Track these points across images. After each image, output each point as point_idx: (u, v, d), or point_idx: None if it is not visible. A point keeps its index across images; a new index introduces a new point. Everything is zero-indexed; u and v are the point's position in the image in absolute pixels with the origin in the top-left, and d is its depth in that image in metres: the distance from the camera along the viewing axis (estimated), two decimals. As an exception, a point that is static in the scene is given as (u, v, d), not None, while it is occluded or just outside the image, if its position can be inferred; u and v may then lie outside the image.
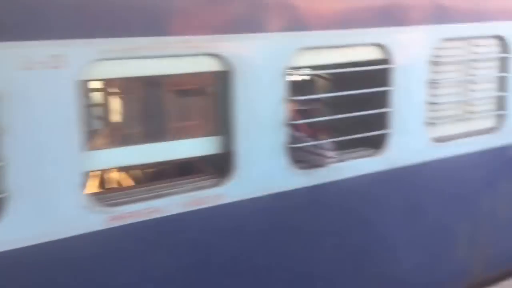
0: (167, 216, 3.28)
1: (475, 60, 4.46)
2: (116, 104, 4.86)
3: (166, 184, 3.43)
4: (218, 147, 3.52)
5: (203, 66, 3.33)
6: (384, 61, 3.99)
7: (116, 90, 4.88)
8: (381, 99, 4.05)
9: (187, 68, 3.32)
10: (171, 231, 3.33)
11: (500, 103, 4.66)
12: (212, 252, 3.51)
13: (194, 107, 4.49)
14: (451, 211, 4.59)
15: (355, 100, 4.01)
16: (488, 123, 4.68)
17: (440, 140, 4.40)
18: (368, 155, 4.10)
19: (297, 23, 3.60)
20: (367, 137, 4.05)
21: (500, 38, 4.52)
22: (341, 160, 3.98)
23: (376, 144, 4.13)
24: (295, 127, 4.01)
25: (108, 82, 4.76)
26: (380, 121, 4.09)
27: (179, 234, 3.37)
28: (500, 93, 4.63)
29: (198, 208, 3.39)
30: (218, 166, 3.56)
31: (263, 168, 3.60)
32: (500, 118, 4.68)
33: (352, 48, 3.88)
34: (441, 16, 4.19)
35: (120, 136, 4.76)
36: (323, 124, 4.48)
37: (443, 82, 4.31)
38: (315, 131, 4.39)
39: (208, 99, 3.87)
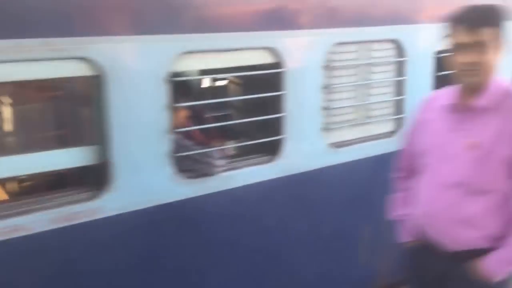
0: (32, 235, 3.00)
1: (370, 64, 4.45)
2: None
3: (32, 200, 3.14)
4: (93, 157, 3.28)
5: (70, 70, 3.08)
6: (276, 65, 3.88)
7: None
8: (278, 104, 3.94)
9: (52, 73, 3.04)
10: (36, 250, 3.05)
11: (398, 107, 4.67)
12: (86, 271, 3.26)
13: (66, 114, 4.20)
14: (351, 216, 4.54)
15: (258, 106, 3.88)
16: (386, 127, 4.68)
17: (337, 145, 4.34)
18: (262, 162, 3.98)
19: (178, 25, 3.42)
20: (267, 144, 3.94)
21: (395, 42, 4.53)
22: (233, 168, 3.84)
23: (274, 150, 4.02)
24: (186, 134, 3.83)
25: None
26: (278, 127, 3.98)
27: (47, 253, 3.09)
28: (397, 97, 4.65)
29: (70, 224, 3.13)
30: (94, 178, 3.32)
31: (144, 178, 3.39)
32: (398, 122, 4.69)
33: (241, 51, 3.75)
34: (333, 20, 4.13)
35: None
36: (220, 131, 4.34)
37: (338, 86, 4.25)
38: (209, 138, 4.24)
39: (81, 106, 3.62)
